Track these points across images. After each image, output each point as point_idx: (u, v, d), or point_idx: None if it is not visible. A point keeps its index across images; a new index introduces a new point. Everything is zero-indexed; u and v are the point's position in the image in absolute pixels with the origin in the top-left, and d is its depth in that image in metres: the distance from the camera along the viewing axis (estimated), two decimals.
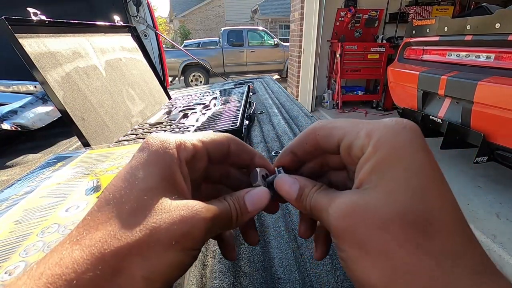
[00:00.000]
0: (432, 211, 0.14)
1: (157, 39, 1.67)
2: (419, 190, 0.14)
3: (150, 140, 0.18)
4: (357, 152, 0.17)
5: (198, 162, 0.20)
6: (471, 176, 2.10)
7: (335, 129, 0.18)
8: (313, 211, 0.18)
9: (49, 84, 0.50)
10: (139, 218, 0.15)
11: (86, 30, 0.71)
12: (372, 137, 0.16)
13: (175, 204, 0.16)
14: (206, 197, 0.23)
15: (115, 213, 0.15)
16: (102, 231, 0.14)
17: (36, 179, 0.34)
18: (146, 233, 0.14)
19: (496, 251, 1.43)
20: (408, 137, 0.16)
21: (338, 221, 0.16)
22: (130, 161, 0.17)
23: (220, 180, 0.23)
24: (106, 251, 0.13)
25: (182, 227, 0.15)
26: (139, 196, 0.15)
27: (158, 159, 0.17)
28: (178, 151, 0.18)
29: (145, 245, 0.14)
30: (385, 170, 0.15)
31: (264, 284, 0.29)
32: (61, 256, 0.13)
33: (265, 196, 0.20)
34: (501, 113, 1.52)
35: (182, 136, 0.19)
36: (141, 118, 0.75)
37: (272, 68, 7.37)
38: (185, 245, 0.15)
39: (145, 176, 0.16)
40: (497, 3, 2.65)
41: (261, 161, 0.23)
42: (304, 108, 0.93)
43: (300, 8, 3.83)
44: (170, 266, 0.15)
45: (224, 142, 0.21)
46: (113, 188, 0.16)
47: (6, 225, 0.24)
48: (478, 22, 1.72)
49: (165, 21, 20.97)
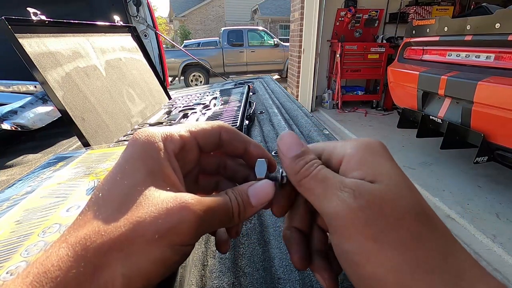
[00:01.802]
0: (424, 205, 0.15)
1: (157, 39, 1.66)
2: (411, 185, 0.16)
3: (136, 135, 0.17)
4: (339, 154, 0.18)
5: (188, 153, 0.19)
6: (471, 176, 2.10)
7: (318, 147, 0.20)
8: (313, 187, 0.17)
9: (49, 84, 0.50)
10: (123, 213, 0.14)
11: (86, 30, 0.71)
12: (349, 143, 0.18)
13: (163, 197, 0.15)
14: (205, 190, 0.23)
15: (101, 210, 0.15)
16: (88, 228, 0.14)
17: (36, 179, 0.34)
18: (130, 227, 0.14)
19: (496, 251, 1.43)
20: (378, 142, 0.18)
21: (352, 210, 0.15)
22: (118, 159, 0.17)
23: (218, 171, 0.23)
24: (89, 247, 0.13)
25: (168, 220, 0.14)
26: (125, 192, 0.15)
27: (145, 154, 0.16)
28: (165, 144, 0.17)
29: (127, 240, 0.14)
30: (375, 163, 0.16)
31: (264, 284, 0.29)
32: (48, 254, 0.13)
33: (269, 189, 0.19)
34: (501, 113, 1.52)
35: (169, 128, 0.18)
36: (141, 118, 0.75)
37: (272, 68, 7.37)
38: (172, 240, 0.14)
39: (132, 171, 0.16)
40: (497, 3, 2.65)
41: (257, 150, 0.21)
42: (304, 108, 0.93)
43: (300, 8, 3.83)
44: (153, 263, 0.14)
45: (214, 131, 0.20)
46: (101, 186, 0.16)
47: (7, 225, 0.24)
48: (478, 22, 1.72)
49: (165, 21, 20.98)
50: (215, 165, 0.22)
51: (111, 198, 0.15)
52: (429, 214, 0.15)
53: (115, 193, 0.15)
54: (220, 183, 0.23)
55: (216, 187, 0.23)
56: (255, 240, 0.35)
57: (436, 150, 2.25)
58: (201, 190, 0.23)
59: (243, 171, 0.22)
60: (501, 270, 1.32)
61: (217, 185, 0.23)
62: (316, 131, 0.70)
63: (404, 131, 2.67)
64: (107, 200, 0.15)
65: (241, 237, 0.36)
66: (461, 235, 1.56)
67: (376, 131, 3.21)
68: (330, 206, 0.16)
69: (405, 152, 2.61)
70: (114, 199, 0.15)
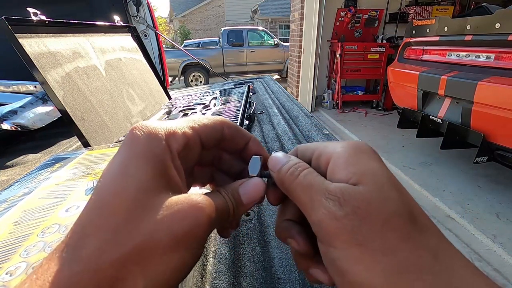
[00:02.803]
0: (412, 205, 0.15)
1: (157, 39, 1.66)
2: (398, 185, 0.15)
3: (137, 131, 0.16)
4: (328, 153, 0.18)
5: (191, 151, 0.18)
6: (471, 176, 2.10)
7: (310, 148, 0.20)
8: (299, 195, 0.17)
9: (49, 84, 0.50)
10: (135, 221, 0.13)
11: (86, 30, 0.71)
12: (339, 143, 0.18)
13: (175, 201, 0.14)
14: (201, 182, 0.22)
15: (109, 217, 0.13)
16: (97, 240, 0.13)
17: (34, 180, 0.34)
18: (145, 237, 0.13)
19: (496, 251, 1.43)
20: (366, 144, 0.18)
21: (338, 219, 0.14)
22: (117, 156, 0.15)
23: (212, 163, 0.22)
24: (103, 261, 0.12)
25: (184, 225, 0.14)
26: (132, 196, 0.14)
27: (149, 153, 0.15)
28: (169, 142, 0.16)
29: (145, 250, 0.13)
30: (361, 163, 0.16)
31: (264, 284, 0.29)
32: (56, 269, 0.12)
33: (260, 187, 0.19)
34: (501, 113, 1.52)
35: (171, 124, 0.17)
36: (141, 118, 0.75)
37: (272, 68, 7.37)
38: (190, 244, 0.14)
39: (137, 173, 0.14)
40: (497, 3, 2.65)
41: (255, 146, 0.21)
42: (304, 108, 0.93)
43: (300, 8, 3.83)
44: (173, 270, 0.14)
45: (217, 126, 0.19)
46: (102, 189, 0.14)
47: (5, 226, 0.24)
48: (478, 22, 1.72)
49: (165, 21, 20.98)
50: (211, 157, 0.22)
51: (117, 203, 0.14)
52: (417, 214, 0.15)
53: (121, 197, 0.14)
54: (215, 175, 0.23)
55: (212, 179, 0.23)
56: (255, 240, 0.35)
57: (436, 150, 2.25)
58: (196, 182, 0.22)
59: (237, 165, 0.22)
60: (501, 270, 1.32)
61: (211, 176, 0.23)
62: (316, 131, 0.70)
63: (404, 131, 2.67)
64: (113, 205, 0.14)
65: (241, 237, 0.36)
66: (461, 235, 1.56)
67: (376, 131, 3.21)
68: (316, 215, 0.15)
69: (405, 152, 2.61)
70: (121, 205, 0.14)
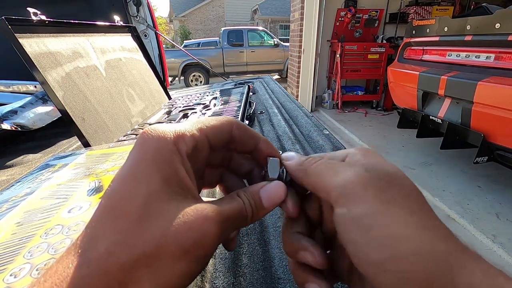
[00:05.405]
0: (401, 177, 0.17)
1: (157, 39, 1.66)
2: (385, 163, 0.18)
3: (146, 135, 0.16)
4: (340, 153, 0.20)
5: (200, 153, 0.18)
6: (471, 176, 2.11)
7: None
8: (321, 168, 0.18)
9: (49, 84, 0.50)
10: (144, 226, 0.14)
11: (86, 30, 0.71)
12: (348, 150, 0.20)
13: (183, 209, 0.15)
14: (210, 183, 0.22)
15: (119, 221, 0.14)
16: (107, 243, 0.13)
17: (35, 180, 0.34)
18: (154, 243, 0.13)
19: (496, 251, 1.43)
20: (372, 150, 0.20)
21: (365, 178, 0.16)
22: (127, 160, 0.16)
23: (222, 164, 0.22)
24: (111, 264, 0.13)
25: (192, 235, 0.14)
26: (142, 201, 0.14)
27: (158, 156, 0.15)
28: (178, 145, 0.16)
29: (153, 255, 0.13)
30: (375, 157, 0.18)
31: (264, 284, 0.29)
32: (67, 272, 0.12)
33: (281, 190, 0.19)
34: (501, 113, 1.52)
35: (180, 126, 0.17)
36: (141, 118, 0.75)
37: (272, 68, 7.36)
38: (197, 254, 0.14)
39: (147, 178, 0.15)
40: (497, 3, 2.65)
41: (266, 147, 0.21)
42: (304, 108, 0.93)
43: (300, 8, 3.83)
44: (179, 277, 0.14)
45: (226, 127, 0.19)
46: (113, 193, 0.15)
47: (8, 227, 0.24)
48: (478, 22, 1.72)
49: (165, 21, 20.96)
50: (220, 158, 0.22)
51: (128, 207, 0.14)
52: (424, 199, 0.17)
53: (132, 202, 0.14)
54: (224, 176, 0.23)
55: (221, 180, 0.23)
56: (255, 240, 0.35)
57: (436, 150, 2.25)
58: (206, 184, 0.22)
59: (247, 165, 0.22)
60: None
61: (221, 177, 0.23)
62: (316, 131, 0.70)
63: (404, 131, 2.68)
64: (123, 209, 0.14)
65: (241, 237, 0.36)
66: (461, 235, 1.56)
67: (376, 131, 3.21)
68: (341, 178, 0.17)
69: (405, 152, 2.61)
70: (132, 209, 0.14)
